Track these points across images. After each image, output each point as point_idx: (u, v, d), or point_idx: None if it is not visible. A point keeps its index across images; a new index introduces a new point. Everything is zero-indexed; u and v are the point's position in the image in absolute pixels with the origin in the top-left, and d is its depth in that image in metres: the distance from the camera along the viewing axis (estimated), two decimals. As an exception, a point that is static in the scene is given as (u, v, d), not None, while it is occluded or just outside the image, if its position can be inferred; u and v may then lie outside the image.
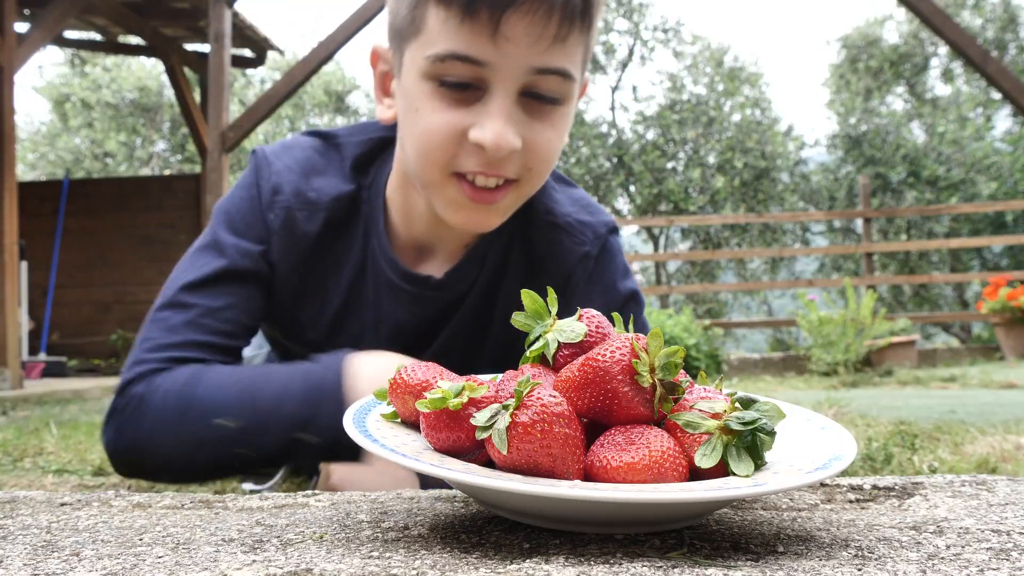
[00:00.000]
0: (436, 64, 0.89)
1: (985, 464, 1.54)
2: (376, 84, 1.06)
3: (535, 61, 0.89)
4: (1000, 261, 12.67)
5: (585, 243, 1.11)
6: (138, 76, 15.89)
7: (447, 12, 0.87)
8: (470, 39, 0.87)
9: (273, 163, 1.07)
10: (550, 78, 0.91)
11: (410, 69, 0.94)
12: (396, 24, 0.96)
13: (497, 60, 0.88)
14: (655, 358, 0.59)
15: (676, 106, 14.43)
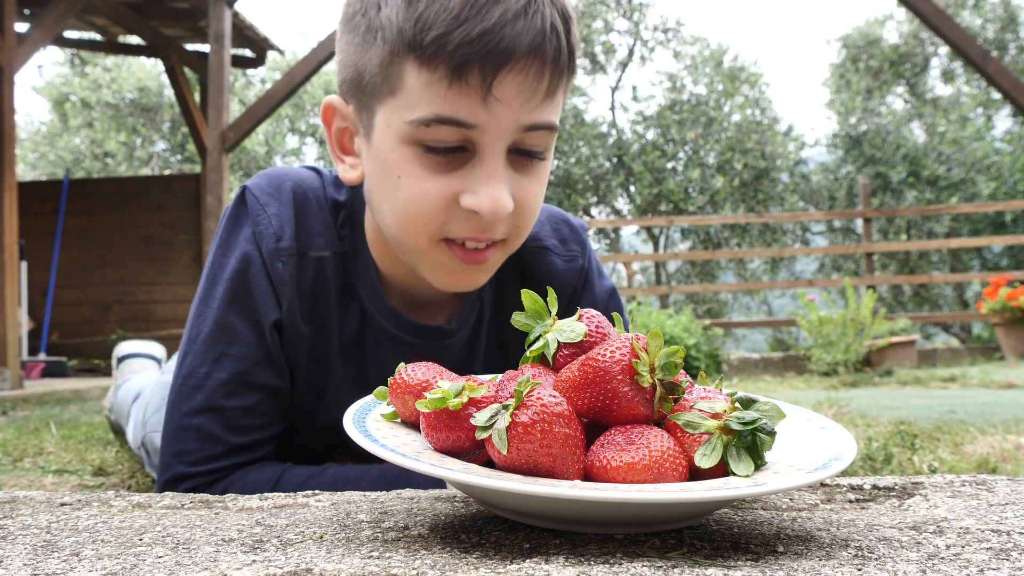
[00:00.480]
0: (420, 129, 0.84)
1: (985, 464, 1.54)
2: (333, 142, 0.97)
3: (525, 119, 0.85)
4: (1000, 261, 12.67)
5: (577, 256, 1.13)
6: (138, 76, 15.88)
7: (431, 75, 0.81)
8: (458, 102, 0.82)
9: (268, 206, 0.99)
10: (538, 133, 0.87)
11: (385, 131, 0.87)
12: (360, 80, 0.89)
13: (487, 122, 0.83)
14: (655, 358, 0.59)
15: (676, 106, 14.44)
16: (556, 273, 1.11)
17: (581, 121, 14.24)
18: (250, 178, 1.05)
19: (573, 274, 1.12)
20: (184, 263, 7.69)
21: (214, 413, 0.95)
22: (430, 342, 1.06)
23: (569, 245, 1.12)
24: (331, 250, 1.02)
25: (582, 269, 1.12)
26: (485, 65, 0.80)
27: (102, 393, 4.90)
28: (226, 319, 0.97)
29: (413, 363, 0.69)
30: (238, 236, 1.00)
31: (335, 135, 0.97)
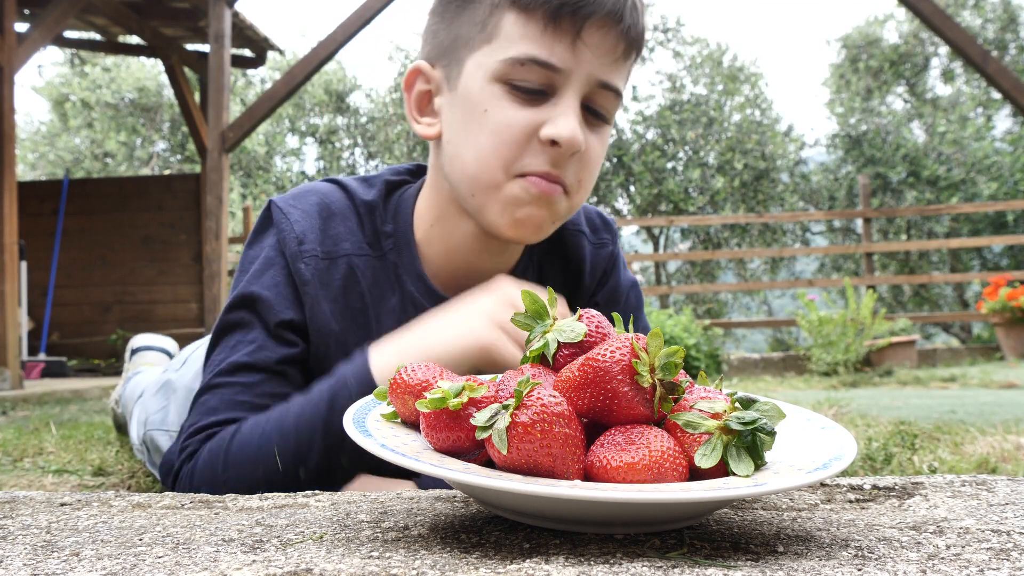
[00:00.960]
0: (512, 67, 0.93)
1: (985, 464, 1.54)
2: (412, 104, 1.05)
3: (601, 73, 0.94)
4: (1000, 261, 12.68)
5: (608, 243, 1.21)
6: (137, 76, 15.89)
7: (528, 18, 0.92)
8: (552, 45, 0.92)
9: (290, 213, 1.04)
10: (607, 94, 0.97)
11: (474, 75, 0.96)
12: (454, 37, 0.98)
13: (572, 67, 0.93)
14: (655, 358, 0.59)
15: (676, 106, 14.44)
16: (592, 256, 1.19)
17: (581, 121, 14.21)
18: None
19: (603, 259, 1.20)
20: (184, 263, 7.69)
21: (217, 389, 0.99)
22: None
23: (600, 234, 1.21)
24: (362, 252, 1.06)
25: (612, 255, 1.21)
26: (576, 13, 0.91)
27: (102, 393, 4.90)
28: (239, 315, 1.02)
29: (413, 363, 0.69)
30: (262, 243, 1.06)
31: (415, 98, 1.05)
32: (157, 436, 1.51)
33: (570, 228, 1.17)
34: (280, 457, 0.88)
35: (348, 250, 1.05)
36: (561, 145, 0.93)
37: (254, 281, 1.01)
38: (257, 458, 0.89)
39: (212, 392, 0.98)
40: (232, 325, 1.01)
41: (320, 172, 16.29)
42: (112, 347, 7.56)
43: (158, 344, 2.39)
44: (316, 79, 15.47)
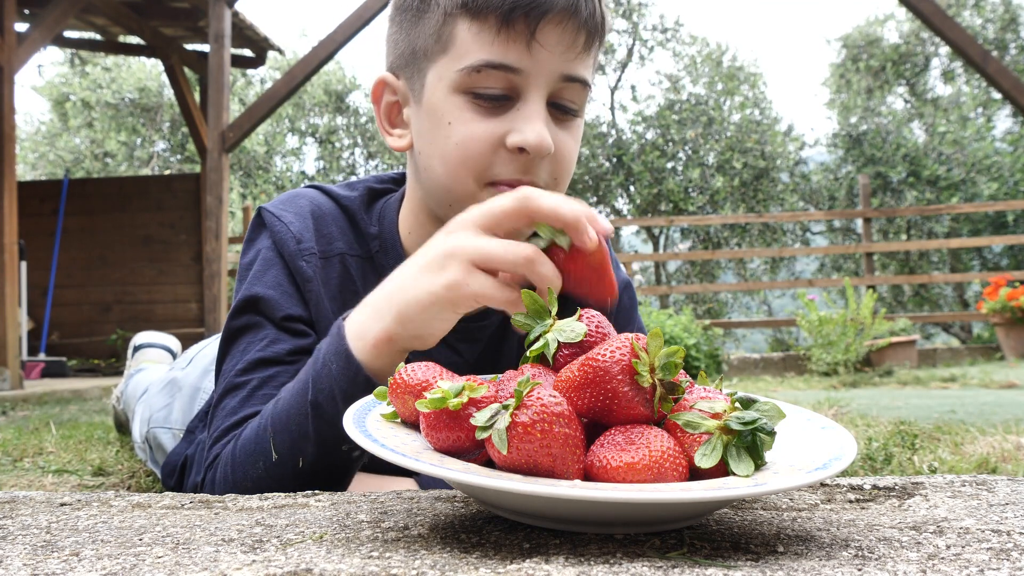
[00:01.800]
0: (470, 76, 0.91)
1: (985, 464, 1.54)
2: (382, 116, 1.04)
3: (564, 68, 0.93)
4: (1000, 261, 12.67)
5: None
6: (138, 76, 15.89)
7: (481, 24, 0.90)
8: (506, 47, 0.90)
9: (282, 216, 1.04)
10: (574, 86, 0.95)
11: (436, 86, 0.94)
12: (413, 50, 0.97)
13: (531, 67, 0.91)
14: (655, 358, 0.59)
15: (675, 106, 14.44)
16: None
17: (581, 121, 14.21)
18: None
19: None
20: (184, 263, 7.69)
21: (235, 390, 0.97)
22: (468, 323, 1.07)
23: None
24: (353, 252, 1.06)
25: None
26: (530, 13, 0.89)
27: (102, 393, 4.90)
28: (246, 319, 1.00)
29: (413, 363, 0.69)
30: (257, 247, 1.05)
31: (384, 110, 1.04)
32: (160, 434, 1.51)
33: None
34: (276, 449, 0.85)
35: (342, 249, 1.05)
36: (529, 152, 0.91)
37: (255, 283, 1.01)
38: (256, 453, 0.87)
39: (231, 395, 0.97)
40: (239, 330, 1.00)
41: (320, 172, 16.29)
42: (112, 347, 7.57)
43: (160, 342, 2.39)
44: (316, 79, 15.47)
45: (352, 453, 0.85)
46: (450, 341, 1.07)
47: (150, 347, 2.35)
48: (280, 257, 1.02)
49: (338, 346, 0.83)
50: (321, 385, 0.83)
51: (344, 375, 0.81)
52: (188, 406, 1.48)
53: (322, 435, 0.83)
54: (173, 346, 2.41)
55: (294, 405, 0.85)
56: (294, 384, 0.87)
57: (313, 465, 0.84)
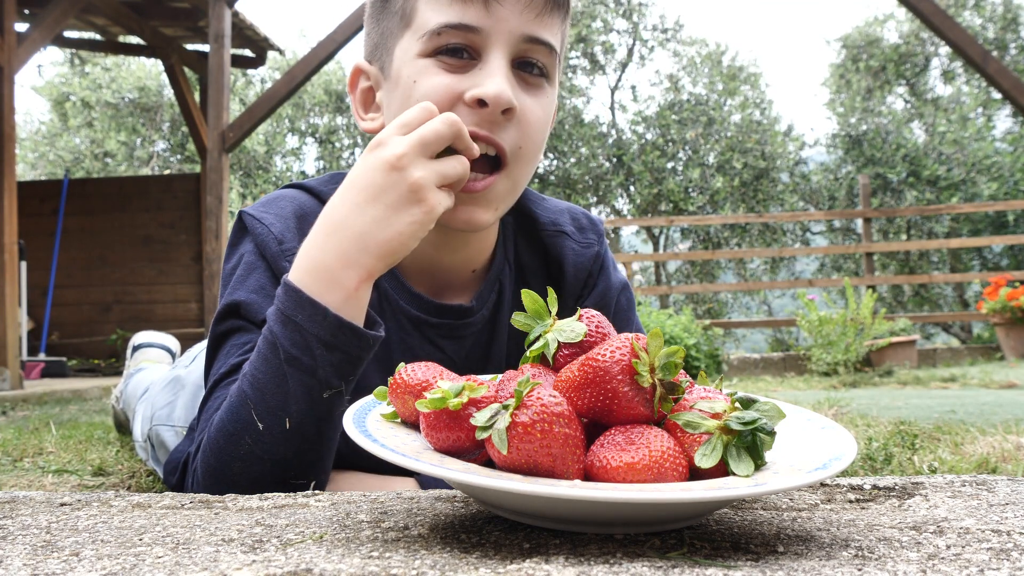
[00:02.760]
0: (432, 39, 0.94)
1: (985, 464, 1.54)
2: (357, 101, 1.07)
3: (526, 28, 0.94)
4: (1000, 261, 12.67)
5: (593, 243, 1.18)
6: (137, 76, 15.88)
7: None
8: (463, 9, 0.93)
9: (263, 218, 1.04)
10: (538, 47, 0.96)
11: (402, 58, 0.97)
12: (382, 32, 1.01)
13: (491, 25, 0.93)
14: (655, 358, 0.59)
15: (675, 106, 14.44)
16: (574, 256, 1.16)
17: (580, 121, 14.22)
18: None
19: (588, 260, 1.17)
20: (184, 263, 7.69)
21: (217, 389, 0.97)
22: (452, 321, 1.08)
23: (586, 234, 1.19)
24: None
25: (598, 256, 1.18)
26: None
27: (102, 393, 4.90)
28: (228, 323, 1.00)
29: (413, 363, 0.69)
30: (239, 252, 1.04)
31: (359, 96, 1.07)
32: (162, 431, 1.51)
33: (550, 229, 1.16)
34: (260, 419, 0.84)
35: None
36: (488, 103, 0.91)
37: (237, 288, 1.00)
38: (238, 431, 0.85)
39: (214, 399, 0.97)
40: (223, 335, 1.00)
41: (320, 172, 16.29)
42: (112, 347, 7.57)
43: (160, 341, 2.39)
44: (316, 79, 15.47)
45: (335, 401, 0.85)
46: (433, 338, 1.08)
47: (149, 347, 2.35)
48: (263, 259, 1.02)
49: (298, 298, 0.83)
50: (292, 340, 0.83)
51: (313, 320, 0.82)
52: (191, 404, 1.49)
53: (303, 387, 0.83)
54: (172, 346, 2.41)
55: (267, 372, 0.84)
56: (256, 357, 0.86)
57: (300, 425, 0.84)
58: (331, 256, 0.84)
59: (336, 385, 0.84)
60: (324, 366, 0.83)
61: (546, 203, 1.20)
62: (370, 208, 0.83)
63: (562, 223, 1.17)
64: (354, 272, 0.83)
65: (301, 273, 0.85)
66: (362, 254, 0.83)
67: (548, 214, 1.18)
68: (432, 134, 0.83)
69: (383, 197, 0.83)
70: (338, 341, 0.83)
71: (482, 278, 1.12)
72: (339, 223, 0.85)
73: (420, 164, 0.83)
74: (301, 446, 0.85)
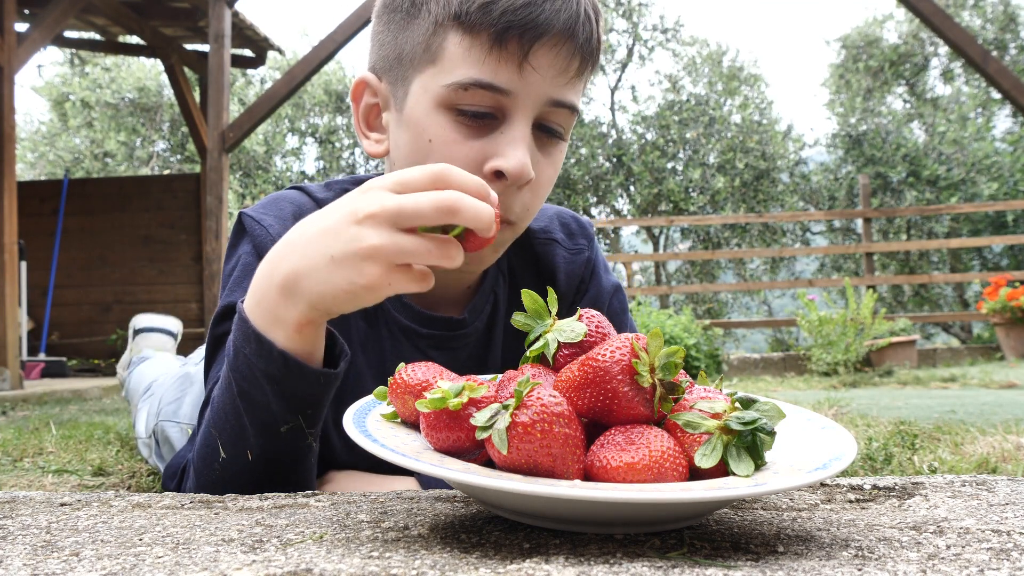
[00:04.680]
0: (457, 92, 0.88)
1: (985, 464, 1.54)
2: (360, 118, 1.01)
3: (554, 93, 0.90)
4: (1000, 261, 12.67)
5: (584, 248, 1.18)
6: (137, 76, 15.88)
7: (472, 40, 0.87)
8: (497, 68, 0.87)
9: (262, 219, 1.02)
10: (561, 111, 0.93)
11: (420, 98, 0.91)
12: (400, 54, 0.94)
13: (521, 88, 0.88)
14: (655, 358, 0.59)
15: (676, 106, 14.44)
16: (565, 264, 1.15)
17: (580, 122, 14.23)
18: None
19: (579, 266, 1.16)
20: (184, 263, 7.69)
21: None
22: (444, 332, 1.08)
23: (576, 239, 1.18)
24: None
25: (589, 261, 1.17)
26: (524, 34, 0.86)
27: (102, 393, 4.90)
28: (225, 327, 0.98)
29: (413, 363, 0.69)
30: (238, 253, 1.03)
31: (363, 111, 1.01)
32: (168, 427, 1.51)
33: (541, 237, 1.15)
34: (224, 449, 0.82)
35: None
36: (508, 178, 0.89)
37: (235, 290, 0.99)
38: (209, 457, 0.85)
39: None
40: (220, 338, 0.98)
41: (320, 172, 16.29)
42: (112, 347, 7.57)
43: (161, 325, 2.37)
44: (316, 79, 15.47)
45: (297, 435, 0.82)
46: (424, 348, 1.07)
47: (151, 331, 2.33)
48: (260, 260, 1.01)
49: (245, 330, 0.78)
50: (242, 373, 0.79)
51: (259, 356, 0.77)
52: (198, 401, 1.49)
53: (258, 422, 0.80)
54: (174, 328, 2.39)
55: (226, 401, 0.82)
56: (221, 381, 0.84)
57: (263, 456, 0.81)
58: (275, 286, 0.76)
59: (292, 420, 0.80)
60: (275, 401, 0.79)
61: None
62: (316, 248, 0.73)
63: (552, 230, 1.16)
64: (293, 311, 0.75)
65: (251, 301, 0.79)
66: (296, 294, 0.74)
67: (539, 222, 1.16)
68: (411, 208, 0.68)
69: (331, 244, 0.72)
70: (285, 378, 0.77)
71: (476, 290, 1.11)
72: (289, 247, 0.76)
73: (382, 232, 0.69)
74: (270, 474, 0.82)
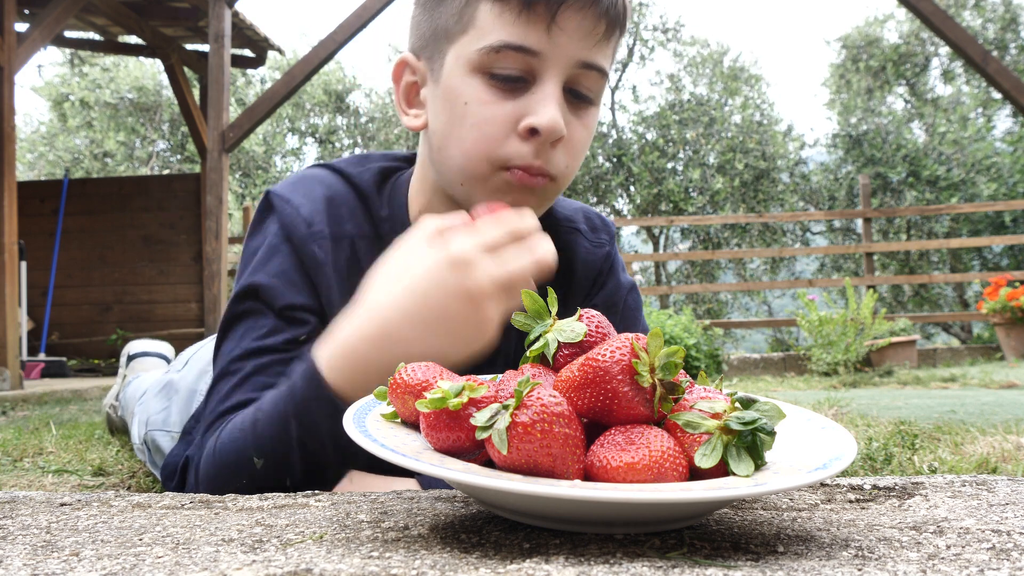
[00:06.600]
0: (489, 55, 0.92)
1: (985, 464, 1.54)
2: (400, 96, 1.05)
3: (582, 55, 0.94)
4: (1000, 261, 12.67)
5: (605, 243, 1.20)
6: (135, 76, 15.88)
7: (503, 6, 0.91)
8: (526, 30, 0.91)
9: (292, 199, 1.04)
10: (591, 74, 0.96)
11: (455, 67, 0.96)
12: (435, 28, 0.98)
13: (550, 50, 0.92)
14: (655, 358, 0.59)
15: (676, 106, 14.43)
16: (586, 254, 1.18)
17: (581, 121, 14.21)
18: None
19: (599, 259, 1.19)
20: (184, 263, 7.69)
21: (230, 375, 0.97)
22: None
23: (599, 234, 1.21)
24: (363, 234, 1.06)
25: (609, 256, 1.20)
26: None
27: (102, 393, 4.90)
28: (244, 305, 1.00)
29: (413, 363, 0.69)
30: (264, 232, 1.04)
31: (403, 89, 1.05)
32: (158, 437, 1.51)
33: (565, 225, 1.17)
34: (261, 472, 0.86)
35: (351, 232, 1.04)
36: (541, 134, 0.92)
37: (259, 270, 1.00)
38: (238, 469, 0.87)
39: (225, 379, 0.97)
40: (239, 315, 1.00)
41: (320, 172, 16.25)
42: (112, 347, 7.56)
43: (155, 350, 2.38)
44: (316, 79, 15.46)
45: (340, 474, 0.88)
46: None
47: (145, 356, 2.34)
48: (288, 242, 1.01)
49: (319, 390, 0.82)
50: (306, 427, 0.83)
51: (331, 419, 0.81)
52: (185, 408, 1.48)
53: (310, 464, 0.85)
54: (167, 353, 2.41)
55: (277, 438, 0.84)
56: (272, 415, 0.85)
57: (299, 482, 0.87)
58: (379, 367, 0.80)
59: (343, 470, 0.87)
60: (334, 455, 0.84)
61: (562, 201, 1.22)
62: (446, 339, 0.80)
63: (576, 220, 1.19)
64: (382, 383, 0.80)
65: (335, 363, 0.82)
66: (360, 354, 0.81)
67: (564, 211, 1.19)
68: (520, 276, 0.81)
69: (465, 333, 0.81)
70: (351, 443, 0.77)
71: None
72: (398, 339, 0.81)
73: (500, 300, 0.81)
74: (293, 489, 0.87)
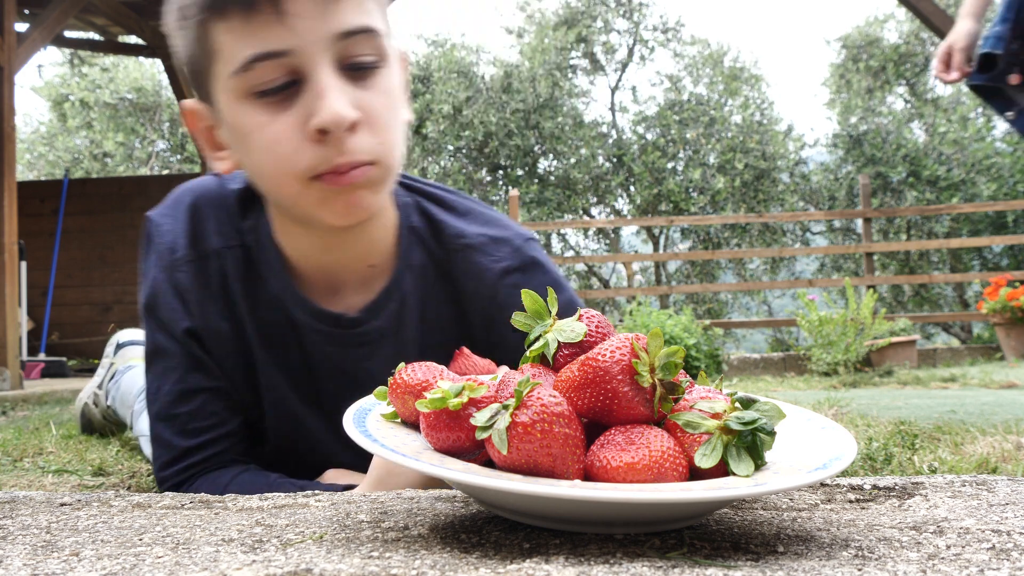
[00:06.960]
0: (244, 77, 0.86)
1: (985, 464, 1.54)
2: (204, 142, 1.00)
3: (332, 27, 0.86)
4: (1000, 261, 12.66)
5: (503, 258, 1.08)
6: (134, 76, 15.87)
7: (229, 21, 0.85)
8: (263, 34, 0.85)
9: (162, 224, 1.06)
10: (357, 39, 0.88)
11: (224, 101, 0.91)
12: (191, 68, 0.93)
13: (297, 42, 0.85)
14: (655, 358, 0.59)
15: (676, 106, 14.43)
16: (478, 272, 1.08)
17: (580, 122, 14.22)
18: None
19: (495, 275, 1.07)
20: (184, 263, 7.68)
21: (167, 421, 1.03)
22: (332, 329, 1.06)
23: (497, 247, 1.09)
24: (229, 243, 1.06)
25: (506, 272, 1.08)
26: None
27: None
28: (154, 338, 1.05)
29: (413, 363, 0.69)
30: (148, 265, 1.07)
31: (204, 136, 1.00)
32: None
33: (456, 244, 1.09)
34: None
35: (216, 245, 1.05)
36: (330, 130, 0.86)
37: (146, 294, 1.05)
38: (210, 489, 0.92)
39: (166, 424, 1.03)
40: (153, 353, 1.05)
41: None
42: (112, 347, 7.55)
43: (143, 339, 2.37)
44: (316, 79, 15.42)
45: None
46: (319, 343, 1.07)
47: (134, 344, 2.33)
48: (163, 271, 1.05)
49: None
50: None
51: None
52: None
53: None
54: None
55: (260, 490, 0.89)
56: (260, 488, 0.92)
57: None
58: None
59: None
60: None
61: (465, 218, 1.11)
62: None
63: (469, 235, 1.09)
64: None
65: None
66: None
67: (457, 225, 1.10)
68: None
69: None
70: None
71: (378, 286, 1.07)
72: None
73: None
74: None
